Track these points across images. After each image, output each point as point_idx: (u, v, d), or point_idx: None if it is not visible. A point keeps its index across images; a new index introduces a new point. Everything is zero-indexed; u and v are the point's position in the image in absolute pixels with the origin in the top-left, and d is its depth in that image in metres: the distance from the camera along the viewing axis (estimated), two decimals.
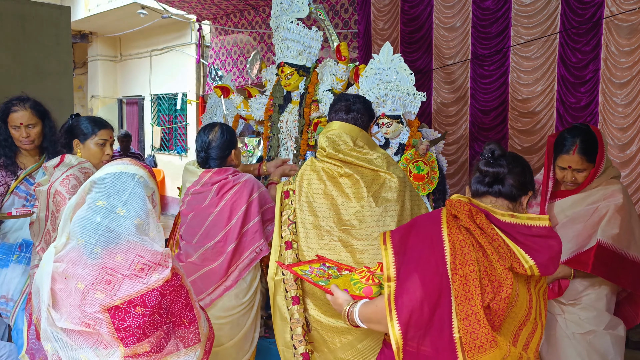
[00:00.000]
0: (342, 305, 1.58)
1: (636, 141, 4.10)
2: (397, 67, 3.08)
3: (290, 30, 3.19)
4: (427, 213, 1.58)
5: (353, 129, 2.08)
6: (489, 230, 1.41)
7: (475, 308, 1.35)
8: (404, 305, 1.37)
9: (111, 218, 1.49)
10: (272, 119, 3.41)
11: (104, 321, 1.48)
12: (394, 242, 1.48)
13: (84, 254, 1.47)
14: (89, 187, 1.54)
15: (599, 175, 2.26)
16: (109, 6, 8.99)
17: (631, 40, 4.05)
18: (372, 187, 1.99)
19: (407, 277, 1.39)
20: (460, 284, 1.36)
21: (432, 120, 5.30)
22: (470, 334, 1.35)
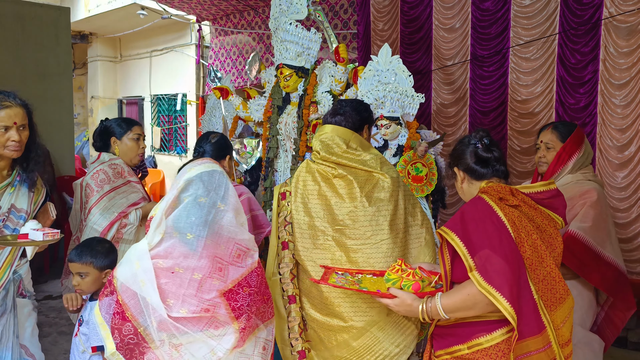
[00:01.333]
0: (413, 305, 1.62)
1: (635, 142, 4.10)
2: (396, 69, 3.09)
3: (289, 32, 3.20)
4: (468, 203, 1.65)
5: (345, 131, 2.10)
6: (530, 202, 1.63)
7: (549, 268, 1.56)
8: (503, 283, 1.47)
9: (214, 212, 1.68)
10: (271, 120, 3.41)
11: (221, 304, 1.68)
12: (459, 235, 1.56)
13: (197, 247, 1.65)
14: (184, 186, 1.72)
15: (571, 167, 2.37)
16: (108, 7, 9.00)
17: (630, 41, 4.05)
18: (365, 187, 2.01)
19: (488, 260, 1.49)
20: (531, 252, 1.54)
21: (432, 121, 5.30)
22: (549, 291, 1.55)
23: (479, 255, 1.51)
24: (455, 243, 1.56)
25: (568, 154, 2.37)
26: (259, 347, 1.81)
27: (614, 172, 4.16)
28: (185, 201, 1.69)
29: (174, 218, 1.68)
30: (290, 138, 3.34)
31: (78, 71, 11.61)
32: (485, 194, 1.63)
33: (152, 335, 1.68)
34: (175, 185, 1.76)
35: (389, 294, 1.66)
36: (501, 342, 1.53)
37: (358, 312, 1.97)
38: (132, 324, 1.69)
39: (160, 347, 1.68)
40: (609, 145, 4.21)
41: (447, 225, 1.61)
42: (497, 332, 1.53)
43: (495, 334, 1.53)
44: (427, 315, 1.60)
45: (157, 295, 1.64)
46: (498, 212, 1.55)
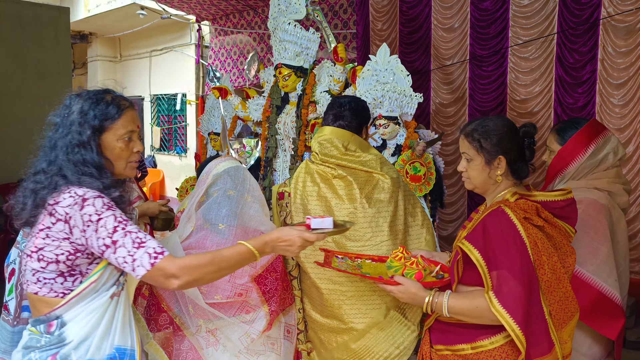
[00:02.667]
0: (417, 294, 1.61)
1: (633, 141, 4.11)
2: (394, 69, 3.10)
3: (288, 32, 3.20)
4: (491, 217, 1.55)
5: (344, 133, 2.09)
6: (552, 220, 1.59)
7: (565, 289, 1.55)
8: (517, 310, 1.45)
9: (243, 204, 1.78)
10: (270, 120, 3.42)
11: (253, 288, 1.79)
12: (480, 251, 1.52)
13: (229, 236, 1.74)
14: (213, 180, 1.80)
15: (574, 172, 2.06)
16: (108, 7, 9.00)
17: (628, 41, 4.06)
18: (365, 188, 2.00)
19: (505, 283, 1.47)
20: (551, 274, 1.52)
21: (431, 120, 5.31)
22: (562, 310, 1.54)
23: (497, 274, 1.49)
24: (476, 259, 1.52)
25: (566, 161, 2.07)
26: (283, 330, 1.92)
27: None
28: (215, 195, 1.78)
29: (204, 211, 1.77)
30: (289, 138, 3.34)
31: (78, 71, 11.61)
32: (510, 209, 1.54)
33: (187, 324, 1.76)
34: (202, 181, 1.84)
35: (393, 281, 1.66)
36: (505, 344, 1.53)
37: (358, 314, 1.96)
38: (168, 314, 1.77)
39: (195, 334, 1.77)
40: None
41: (468, 238, 1.56)
42: (500, 335, 1.53)
43: (498, 337, 1.54)
44: (430, 308, 1.61)
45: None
46: (521, 233, 1.50)
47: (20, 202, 1.44)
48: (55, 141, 1.46)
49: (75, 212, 1.38)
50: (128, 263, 1.39)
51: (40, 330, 1.43)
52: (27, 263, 1.42)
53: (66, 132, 1.46)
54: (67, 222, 1.38)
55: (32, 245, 1.40)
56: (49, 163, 1.45)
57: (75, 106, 1.48)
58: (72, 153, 1.44)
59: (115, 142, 1.51)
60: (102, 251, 1.39)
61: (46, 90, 6.14)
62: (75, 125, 1.46)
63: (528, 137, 1.65)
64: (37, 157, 1.49)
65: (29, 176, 1.47)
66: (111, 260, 1.40)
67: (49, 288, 1.42)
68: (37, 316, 1.44)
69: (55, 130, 1.48)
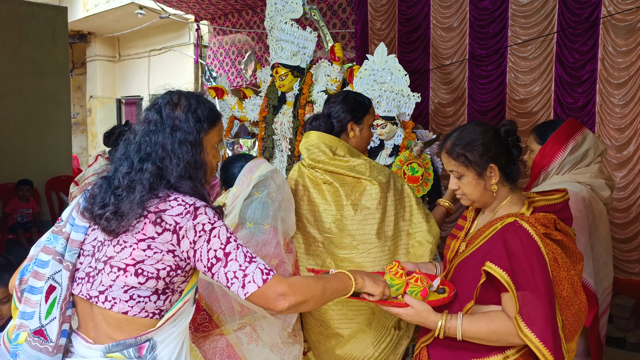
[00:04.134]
0: (428, 318, 1.51)
1: (633, 141, 4.07)
2: (392, 68, 3.07)
3: (284, 31, 3.18)
4: (511, 233, 1.47)
5: (332, 139, 2.02)
6: (565, 229, 1.54)
7: (580, 301, 1.49)
8: (548, 335, 1.40)
9: (284, 206, 1.86)
10: (267, 120, 3.39)
11: None
12: (507, 272, 1.44)
13: (274, 236, 1.81)
14: (258, 182, 1.86)
15: (557, 168, 2.15)
16: (107, 6, 8.98)
17: (628, 40, 4.03)
18: (352, 195, 1.95)
19: (532, 305, 1.41)
20: (569, 289, 1.46)
21: (430, 120, 5.28)
22: (576, 322, 1.49)
23: (522, 296, 1.41)
24: (506, 282, 1.41)
25: (548, 158, 2.17)
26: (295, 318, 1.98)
27: (613, 172, 4.14)
28: (258, 195, 1.85)
29: (250, 210, 1.83)
30: (286, 138, 3.32)
31: (77, 71, 11.59)
32: (529, 225, 1.46)
33: (224, 322, 1.79)
34: (243, 181, 1.89)
35: (402, 303, 1.53)
36: (519, 357, 1.48)
37: (343, 320, 1.93)
38: (207, 312, 1.79)
39: (237, 331, 1.80)
40: (608, 145, 4.18)
41: (491, 260, 1.46)
42: (511, 350, 1.48)
43: (511, 351, 1.48)
44: (443, 333, 1.50)
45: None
46: (542, 250, 1.43)
47: (120, 204, 1.26)
48: (156, 138, 1.31)
49: (187, 221, 1.25)
50: (238, 279, 1.26)
51: (129, 355, 1.28)
52: (116, 278, 1.25)
53: (173, 129, 1.32)
54: (175, 232, 1.25)
55: (128, 257, 1.24)
56: (142, 162, 1.30)
57: (184, 102, 1.36)
58: (181, 152, 1.31)
59: (211, 148, 1.42)
60: (210, 265, 1.26)
61: (44, 90, 6.12)
62: (185, 122, 1.33)
63: (510, 135, 1.57)
64: (124, 154, 1.33)
65: (113, 174, 1.32)
66: (218, 275, 1.27)
67: (141, 307, 1.27)
68: (119, 339, 1.27)
69: (154, 125, 1.33)
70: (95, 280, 1.28)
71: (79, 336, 1.32)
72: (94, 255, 1.30)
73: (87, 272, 1.30)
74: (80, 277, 1.31)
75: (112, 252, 1.27)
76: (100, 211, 1.27)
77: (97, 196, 1.30)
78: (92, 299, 1.29)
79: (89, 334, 1.31)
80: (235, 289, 1.27)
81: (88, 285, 1.29)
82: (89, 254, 1.31)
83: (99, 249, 1.29)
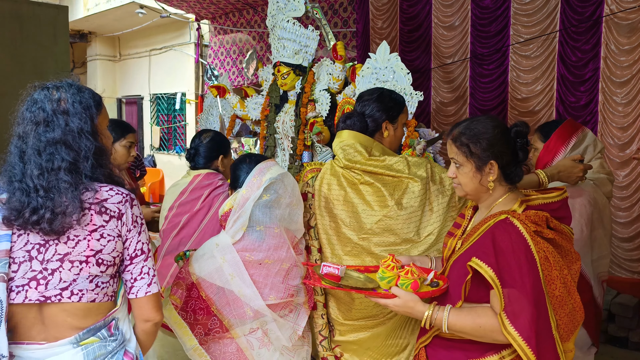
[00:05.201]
0: (415, 308, 1.53)
1: (636, 140, 4.06)
2: (394, 67, 3.05)
3: (287, 30, 3.16)
4: (500, 230, 1.46)
5: (367, 139, 1.99)
6: (559, 228, 1.52)
7: (573, 301, 1.48)
8: (531, 334, 1.38)
9: (292, 210, 1.87)
10: (269, 118, 3.38)
11: (302, 289, 1.89)
12: (493, 269, 1.43)
13: (285, 240, 1.82)
14: (268, 185, 1.85)
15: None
16: (107, 6, 8.97)
17: (631, 38, 4.01)
18: (395, 194, 1.90)
19: (518, 303, 1.40)
20: (562, 289, 1.45)
21: (431, 119, 5.27)
22: (570, 322, 1.47)
23: (508, 293, 1.40)
24: (490, 278, 1.42)
25: (552, 154, 2.26)
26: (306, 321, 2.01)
27: (615, 171, 4.13)
28: (269, 198, 1.83)
29: (260, 213, 1.81)
30: (288, 137, 3.31)
31: (77, 70, 11.59)
32: (520, 222, 1.45)
33: (234, 326, 1.79)
34: (253, 183, 1.86)
35: (390, 294, 1.57)
36: (515, 357, 1.46)
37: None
38: (217, 317, 1.80)
39: (248, 335, 1.81)
40: (610, 144, 4.17)
41: (479, 256, 1.46)
42: (508, 350, 1.47)
43: (507, 351, 1.47)
44: (429, 323, 1.52)
45: (252, 287, 1.77)
46: (532, 248, 1.42)
47: (55, 205, 1.26)
48: (52, 136, 1.32)
49: (127, 209, 1.35)
50: (149, 275, 1.39)
51: (102, 335, 1.36)
52: (80, 271, 1.29)
53: (67, 123, 1.33)
54: (119, 218, 1.34)
55: (86, 249, 1.30)
56: (50, 162, 1.31)
57: (64, 94, 1.36)
58: (83, 144, 1.33)
59: (103, 130, 1.45)
60: (135, 255, 1.37)
61: None
62: (75, 114, 1.35)
63: (520, 137, 1.55)
64: (22, 158, 1.32)
65: (21, 179, 1.30)
66: (135, 266, 1.38)
67: (104, 293, 1.36)
68: (88, 326, 1.34)
69: (44, 125, 1.33)
70: (51, 280, 1.29)
71: (22, 344, 1.31)
72: (35, 259, 1.29)
73: (33, 277, 1.29)
74: (21, 284, 1.28)
75: (66, 249, 1.29)
76: (35, 217, 1.26)
77: (17, 202, 1.28)
78: (49, 299, 1.29)
79: (36, 338, 1.32)
80: (141, 283, 1.38)
81: (41, 287, 1.29)
82: (25, 259, 1.29)
83: (40, 251, 1.29)
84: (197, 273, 1.82)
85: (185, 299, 1.83)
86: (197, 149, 2.57)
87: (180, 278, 1.86)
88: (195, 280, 1.81)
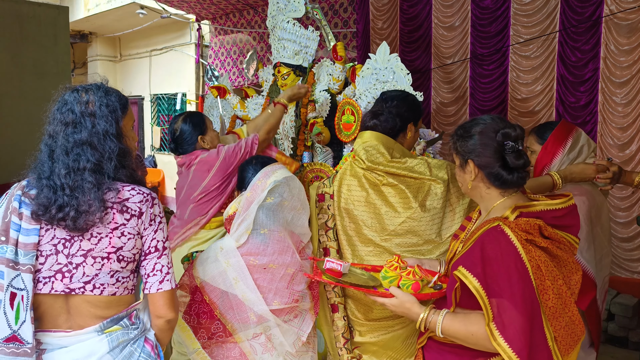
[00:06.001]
0: (411, 309, 1.54)
1: (636, 140, 4.07)
2: (394, 67, 3.05)
3: (287, 30, 3.17)
4: (489, 238, 1.43)
5: (389, 140, 1.99)
6: (556, 237, 1.46)
7: (570, 313, 1.43)
8: (522, 345, 1.35)
9: (296, 214, 1.85)
10: None
11: (307, 295, 1.87)
12: (479, 279, 1.40)
13: (290, 244, 1.80)
14: (272, 188, 1.83)
15: (557, 166, 2.22)
16: (108, 6, 8.97)
17: (631, 39, 4.02)
18: (419, 196, 1.90)
19: (506, 313, 1.37)
20: (556, 299, 1.40)
21: (431, 120, 5.28)
22: (569, 336, 1.43)
23: (497, 303, 1.37)
24: (475, 288, 1.40)
25: (550, 155, 2.27)
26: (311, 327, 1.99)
27: None
28: (274, 202, 1.82)
29: (264, 217, 1.80)
30: (288, 137, 3.31)
31: (78, 71, 11.60)
32: (510, 229, 1.41)
33: (238, 330, 1.78)
34: (258, 186, 1.85)
35: (387, 293, 1.58)
36: None
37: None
38: (221, 321, 1.79)
39: (251, 340, 1.79)
40: (610, 144, 4.18)
41: (465, 264, 1.44)
42: (497, 357, 1.44)
43: (497, 358, 1.45)
44: (424, 326, 1.52)
45: (255, 292, 1.75)
46: (523, 257, 1.37)
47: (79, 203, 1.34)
48: (79, 137, 1.40)
49: (147, 208, 1.43)
50: (162, 272, 1.44)
51: (125, 324, 1.45)
52: (102, 266, 1.38)
53: (94, 125, 1.41)
54: (139, 217, 1.41)
55: (108, 246, 1.38)
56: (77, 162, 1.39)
57: (93, 97, 1.45)
58: (108, 146, 1.41)
59: (128, 131, 1.52)
60: (149, 251, 1.44)
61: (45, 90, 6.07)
62: (102, 116, 1.43)
63: (507, 139, 1.49)
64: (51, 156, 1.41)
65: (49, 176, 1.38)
66: (148, 262, 1.44)
67: (124, 287, 1.44)
68: (111, 315, 1.43)
69: (72, 126, 1.42)
70: (75, 273, 1.38)
71: (49, 332, 1.41)
72: (61, 253, 1.37)
73: (58, 269, 1.38)
74: (48, 276, 1.37)
75: (89, 245, 1.37)
76: (61, 214, 1.34)
77: (44, 198, 1.36)
78: (73, 291, 1.38)
79: (62, 326, 1.41)
80: (153, 280, 1.44)
81: (66, 280, 1.38)
82: (51, 253, 1.38)
83: (66, 245, 1.37)
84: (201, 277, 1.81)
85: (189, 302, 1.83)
86: (175, 142, 2.72)
87: (184, 281, 1.87)
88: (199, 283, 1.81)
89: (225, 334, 1.80)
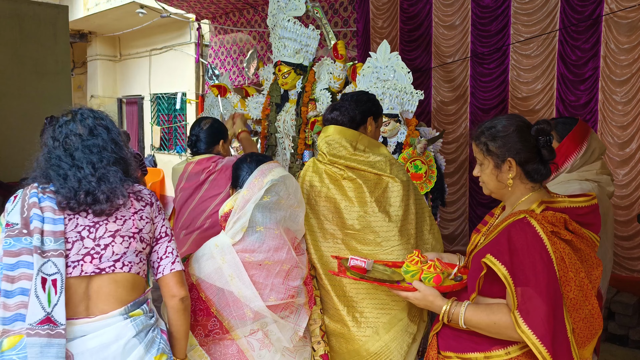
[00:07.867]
0: (435, 302, 1.59)
1: (636, 139, 4.07)
2: (395, 66, 3.06)
3: (287, 29, 3.17)
4: (516, 228, 1.47)
5: (352, 133, 2.02)
6: (579, 232, 1.51)
7: (591, 306, 1.46)
8: (546, 332, 1.39)
9: (293, 212, 1.87)
10: (270, 118, 3.39)
11: (303, 290, 1.89)
12: (507, 267, 1.44)
13: (285, 241, 1.82)
14: (269, 187, 1.83)
15: (570, 167, 2.22)
16: (107, 5, 8.97)
17: (631, 37, 4.02)
18: (375, 191, 1.94)
19: (531, 302, 1.40)
20: (577, 291, 1.43)
21: (432, 118, 5.28)
22: (587, 328, 1.46)
23: (522, 291, 1.41)
24: (503, 275, 1.43)
25: (564, 156, 2.25)
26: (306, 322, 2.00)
27: (615, 170, 4.14)
28: (270, 200, 1.82)
29: (260, 215, 1.80)
30: (289, 136, 3.31)
31: (78, 70, 11.59)
32: (537, 221, 1.45)
33: (235, 327, 1.79)
34: (254, 184, 1.85)
35: (411, 287, 1.63)
36: (521, 355, 1.47)
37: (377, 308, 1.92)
38: (217, 318, 1.79)
39: (248, 337, 1.80)
40: (610, 143, 4.18)
41: (493, 252, 1.47)
42: (516, 345, 1.48)
43: (515, 347, 1.48)
44: (447, 317, 1.56)
45: (251, 288, 1.76)
46: (548, 248, 1.41)
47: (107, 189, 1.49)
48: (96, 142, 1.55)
49: (155, 200, 1.63)
50: (173, 254, 1.61)
51: (145, 310, 1.57)
52: (129, 245, 1.52)
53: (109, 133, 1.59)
54: (151, 206, 1.61)
55: (132, 227, 1.54)
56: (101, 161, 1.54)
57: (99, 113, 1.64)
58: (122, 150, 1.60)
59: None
60: (160, 236, 1.62)
61: (45, 89, 6.10)
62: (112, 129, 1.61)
63: (542, 134, 1.54)
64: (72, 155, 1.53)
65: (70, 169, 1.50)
66: (161, 245, 1.61)
67: (142, 269, 1.58)
68: (134, 299, 1.54)
69: (89, 135, 1.56)
70: (104, 254, 1.49)
71: (72, 319, 1.45)
72: (86, 238, 1.48)
73: (86, 252, 1.48)
74: (76, 259, 1.47)
75: (116, 227, 1.52)
76: (90, 198, 1.47)
77: (68, 190, 1.47)
78: (104, 270, 1.49)
79: (82, 313, 1.47)
80: (166, 262, 1.59)
81: (95, 260, 1.48)
82: (77, 239, 1.48)
83: (91, 231, 1.49)
84: (197, 274, 1.81)
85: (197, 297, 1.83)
86: (197, 136, 2.66)
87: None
88: (195, 281, 1.81)
89: (222, 331, 1.80)
